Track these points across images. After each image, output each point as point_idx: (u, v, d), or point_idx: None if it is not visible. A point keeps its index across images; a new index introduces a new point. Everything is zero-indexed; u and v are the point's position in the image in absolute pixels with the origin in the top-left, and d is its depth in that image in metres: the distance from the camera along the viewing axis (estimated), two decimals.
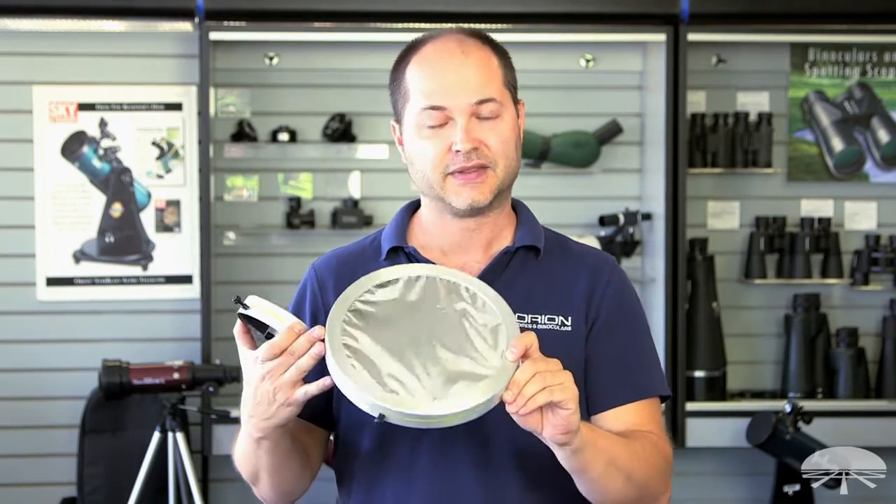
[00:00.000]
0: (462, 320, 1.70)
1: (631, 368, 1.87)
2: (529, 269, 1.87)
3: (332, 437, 1.94)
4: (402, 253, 1.88)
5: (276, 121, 4.48)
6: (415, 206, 1.95)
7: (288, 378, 1.67)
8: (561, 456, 1.70)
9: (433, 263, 1.85)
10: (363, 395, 1.63)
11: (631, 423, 1.84)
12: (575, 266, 1.90)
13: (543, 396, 1.61)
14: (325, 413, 1.89)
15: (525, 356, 1.64)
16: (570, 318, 1.84)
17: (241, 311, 1.73)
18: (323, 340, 1.68)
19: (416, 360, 1.65)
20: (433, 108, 1.80)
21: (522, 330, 1.73)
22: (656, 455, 1.82)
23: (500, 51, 1.87)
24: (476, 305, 1.72)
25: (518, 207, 1.95)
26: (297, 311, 1.90)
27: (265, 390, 1.69)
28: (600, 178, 4.60)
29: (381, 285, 1.72)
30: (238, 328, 1.75)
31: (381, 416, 1.63)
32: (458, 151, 1.79)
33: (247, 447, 1.81)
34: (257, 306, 1.73)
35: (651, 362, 1.90)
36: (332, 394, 1.87)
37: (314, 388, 1.68)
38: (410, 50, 1.86)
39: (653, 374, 1.89)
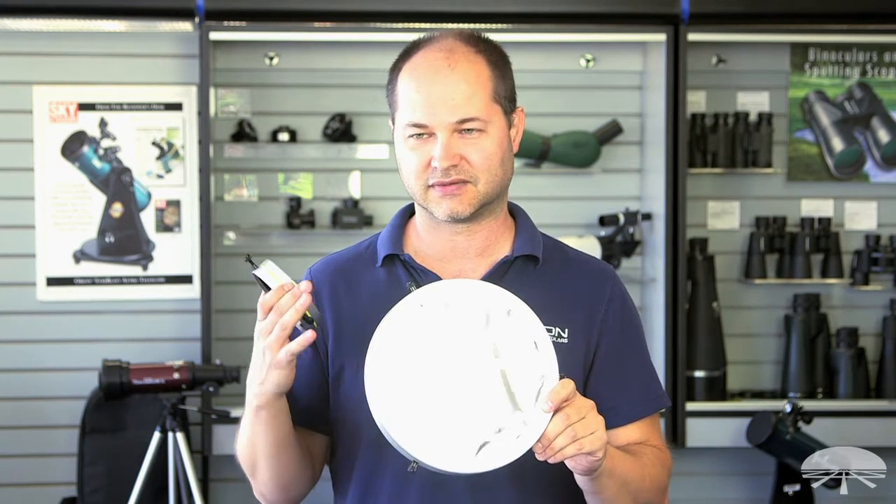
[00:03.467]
0: (502, 352, 1.69)
1: (638, 387, 1.89)
2: (528, 279, 1.86)
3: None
4: (398, 260, 1.88)
5: (276, 121, 4.48)
6: (412, 209, 1.95)
7: (275, 336, 1.69)
8: (578, 478, 1.73)
9: (435, 273, 1.84)
10: (400, 446, 1.66)
11: (636, 437, 1.88)
12: (574, 276, 1.89)
13: (572, 449, 1.65)
14: (326, 420, 1.89)
15: (559, 407, 1.66)
16: (566, 331, 1.83)
17: (252, 270, 1.73)
18: (311, 294, 1.69)
19: (453, 404, 1.66)
20: (415, 125, 1.79)
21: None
22: (662, 473, 1.87)
23: (494, 59, 1.84)
24: (519, 335, 1.70)
25: (516, 213, 1.93)
26: None
27: (258, 351, 1.71)
28: (600, 178, 4.60)
29: (418, 311, 1.70)
30: (256, 280, 1.75)
31: (414, 465, 1.69)
32: (436, 167, 1.78)
33: (246, 426, 1.82)
34: (266, 268, 1.73)
35: (653, 377, 1.93)
36: (331, 398, 1.87)
37: (295, 345, 1.68)
38: (404, 55, 1.85)
39: (656, 389, 1.92)
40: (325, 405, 1.87)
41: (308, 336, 1.68)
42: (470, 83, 1.79)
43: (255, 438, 1.82)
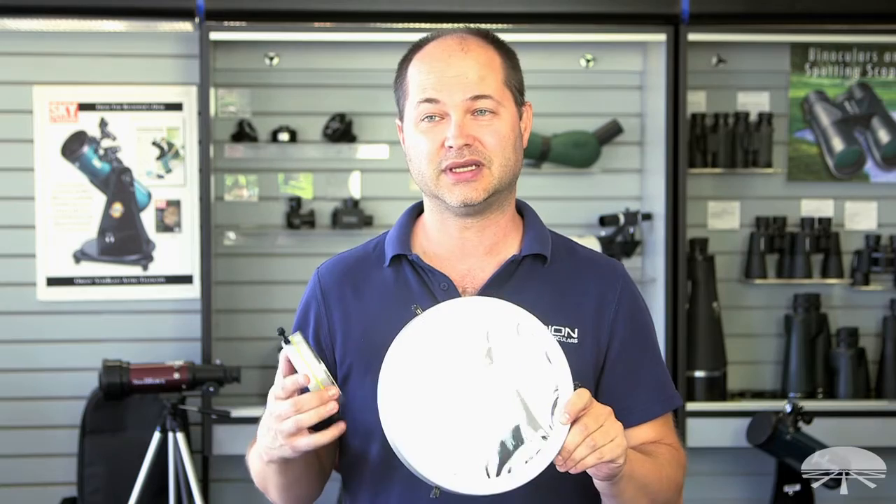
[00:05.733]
0: (515, 367, 1.67)
1: (652, 385, 1.88)
2: (537, 278, 1.85)
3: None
4: (406, 261, 1.87)
5: (277, 121, 4.48)
6: (419, 208, 1.93)
7: (286, 427, 1.66)
8: (598, 483, 1.72)
9: (443, 273, 1.83)
10: (419, 472, 1.64)
11: (652, 436, 1.86)
12: (583, 275, 1.87)
13: (593, 459, 1.63)
14: (333, 419, 1.87)
15: (577, 418, 1.64)
16: (576, 330, 1.82)
17: (283, 345, 1.70)
18: (337, 401, 1.66)
19: (470, 425, 1.64)
20: (428, 100, 1.78)
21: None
22: (678, 472, 1.86)
23: (505, 51, 1.85)
24: (530, 347, 1.68)
25: (524, 211, 1.92)
26: (303, 323, 1.89)
27: (271, 426, 1.69)
28: (600, 178, 4.60)
29: (432, 329, 1.68)
30: (283, 353, 1.71)
31: (437, 491, 1.66)
32: (450, 147, 1.77)
33: (258, 461, 1.81)
34: (296, 347, 1.69)
35: (665, 375, 1.92)
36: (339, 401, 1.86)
37: (312, 441, 1.66)
38: (415, 48, 1.85)
39: (669, 388, 1.91)
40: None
41: (327, 438, 1.66)
42: (482, 65, 1.80)
43: (265, 477, 1.82)
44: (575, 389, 1.66)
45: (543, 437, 1.64)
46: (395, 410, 1.64)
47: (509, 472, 1.63)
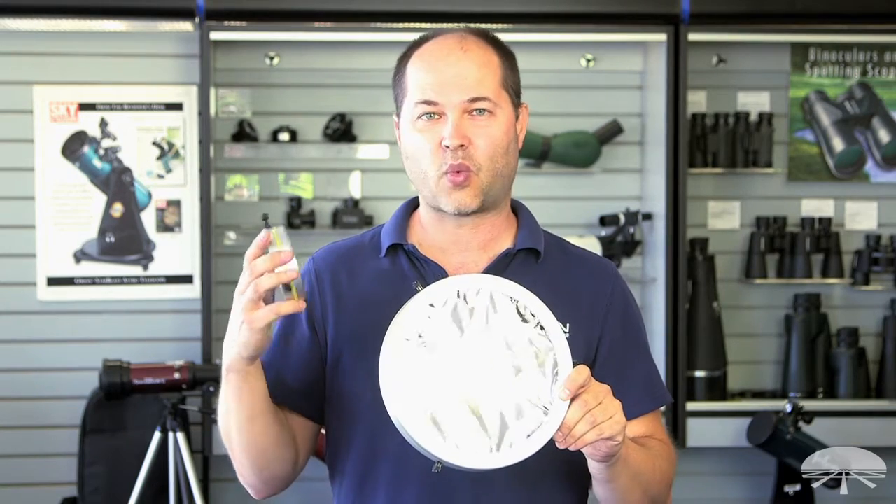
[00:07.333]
0: (515, 343, 1.69)
1: (642, 381, 1.89)
2: (530, 273, 1.86)
3: (323, 432, 1.93)
4: (402, 250, 1.88)
5: (277, 121, 4.48)
6: (415, 202, 1.95)
7: (246, 296, 1.66)
8: (593, 466, 1.73)
9: (438, 264, 1.84)
10: (421, 446, 1.64)
11: (642, 432, 1.88)
12: (575, 271, 1.90)
13: (593, 435, 1.64)
14: (315, 405, 1.88)
15: (577, 394, 1.65)
16: (567, 325, 1.82)
17: (264, 229, 1.69)
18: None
19: (471, 400, 1.65)
20: (426, 102, 1.80)
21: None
22: (668, 466, 1.87)
23: (503, 52, 1.86)
24: (529, 325, 1.70)
25: (518, 209, 1.94)
26: None
27: (235, 309, 1.69)
28: (601, 178, 4.60)
29: (433, 305, 1.70)
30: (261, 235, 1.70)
31: (439, 465, 1.66)
32: (447, 147, 1.78)
33: (221, 393, 1.78)
34: (275, 232, 1.68)
35: (654, 373, 1.93)
36: (325, 387, 1.87)
37: (270, 312, 1.64)
38: (414, 46, 1.86)
39: (658, 386, 1.92)
40: (315, 389, 1.86)
41: (290, 306, 1.65)
42: (481, 66, 1.81)
43: (226, 409, 1.78)
44: (575, 367, 1.67)
45: (543, 413, 1.65)
46: (397, 385, 1.65)
47: (511, 446, 1.64)
